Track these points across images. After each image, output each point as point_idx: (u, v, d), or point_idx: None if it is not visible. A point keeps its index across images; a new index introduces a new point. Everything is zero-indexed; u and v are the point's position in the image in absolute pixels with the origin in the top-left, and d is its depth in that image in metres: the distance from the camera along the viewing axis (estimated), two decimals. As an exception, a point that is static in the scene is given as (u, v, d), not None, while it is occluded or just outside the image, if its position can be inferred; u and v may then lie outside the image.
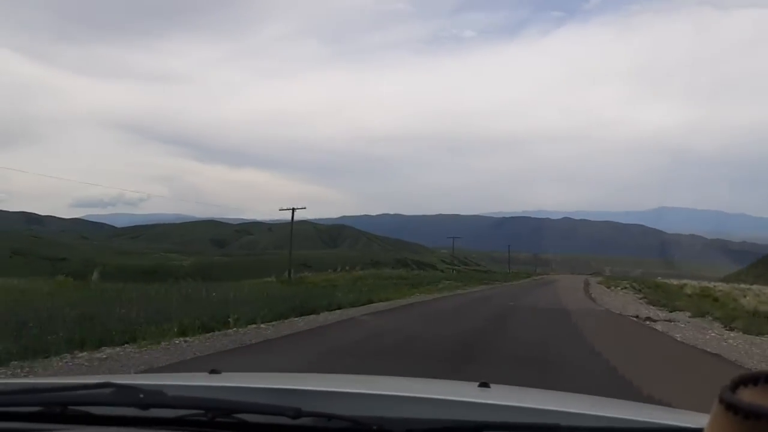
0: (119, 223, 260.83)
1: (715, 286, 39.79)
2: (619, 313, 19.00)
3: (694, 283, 44.90)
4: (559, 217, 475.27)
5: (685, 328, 14.21)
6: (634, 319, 16.91)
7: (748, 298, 26.48)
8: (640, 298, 28.83)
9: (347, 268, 42.29)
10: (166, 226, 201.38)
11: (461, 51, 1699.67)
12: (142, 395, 1.41)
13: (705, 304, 22.68)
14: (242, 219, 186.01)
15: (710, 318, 17.25)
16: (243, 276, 41.28)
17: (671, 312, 19.97)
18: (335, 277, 38.26)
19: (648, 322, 15.74)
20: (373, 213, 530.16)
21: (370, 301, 19.43)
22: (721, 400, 0.64)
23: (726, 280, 66.15)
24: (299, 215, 43.16)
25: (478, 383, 1.90)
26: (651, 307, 22.80)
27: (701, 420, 1.40)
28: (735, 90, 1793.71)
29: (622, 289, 39.30)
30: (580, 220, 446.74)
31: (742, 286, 39.71)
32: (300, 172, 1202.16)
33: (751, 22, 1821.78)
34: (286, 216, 42.47)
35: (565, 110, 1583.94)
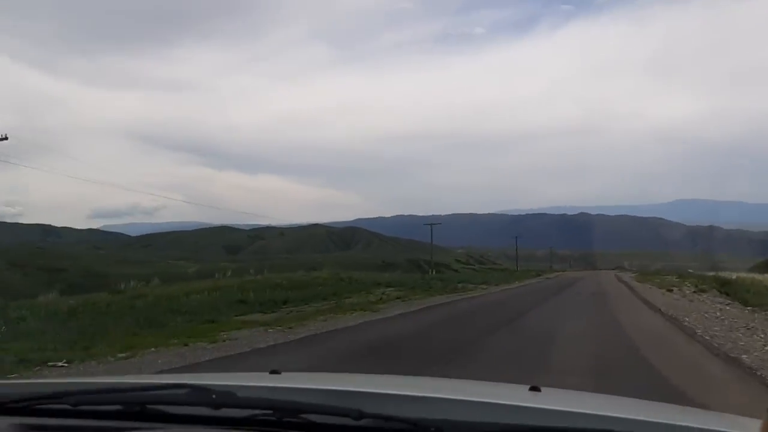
0: (135, 233, 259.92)
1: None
2: None
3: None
4: (576, 212, 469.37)
5: None
6: None
7: None
8: None
9: (251, 272, 35.72)
10: (179, 234, 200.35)
11: (472, 48, 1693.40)
12: (214, 396, 1.50)
13: None
14: (256, 224, 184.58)
15: None
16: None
17: None
18: (185, 290, 22.41)
19: None
20: (388, 215, 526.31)
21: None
22: None
23: (756, 270, 62.29)
24: (312, 219, 40.64)
25: (528, 387, 1.90)
26: None
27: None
28: (752, 78, 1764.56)
29: (695, 291, 24.43)
30: (597, 214, 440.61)
31: None
32: (314, 176, 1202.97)
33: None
34: (300, 221, 40.10)
35: (579, 104, 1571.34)
